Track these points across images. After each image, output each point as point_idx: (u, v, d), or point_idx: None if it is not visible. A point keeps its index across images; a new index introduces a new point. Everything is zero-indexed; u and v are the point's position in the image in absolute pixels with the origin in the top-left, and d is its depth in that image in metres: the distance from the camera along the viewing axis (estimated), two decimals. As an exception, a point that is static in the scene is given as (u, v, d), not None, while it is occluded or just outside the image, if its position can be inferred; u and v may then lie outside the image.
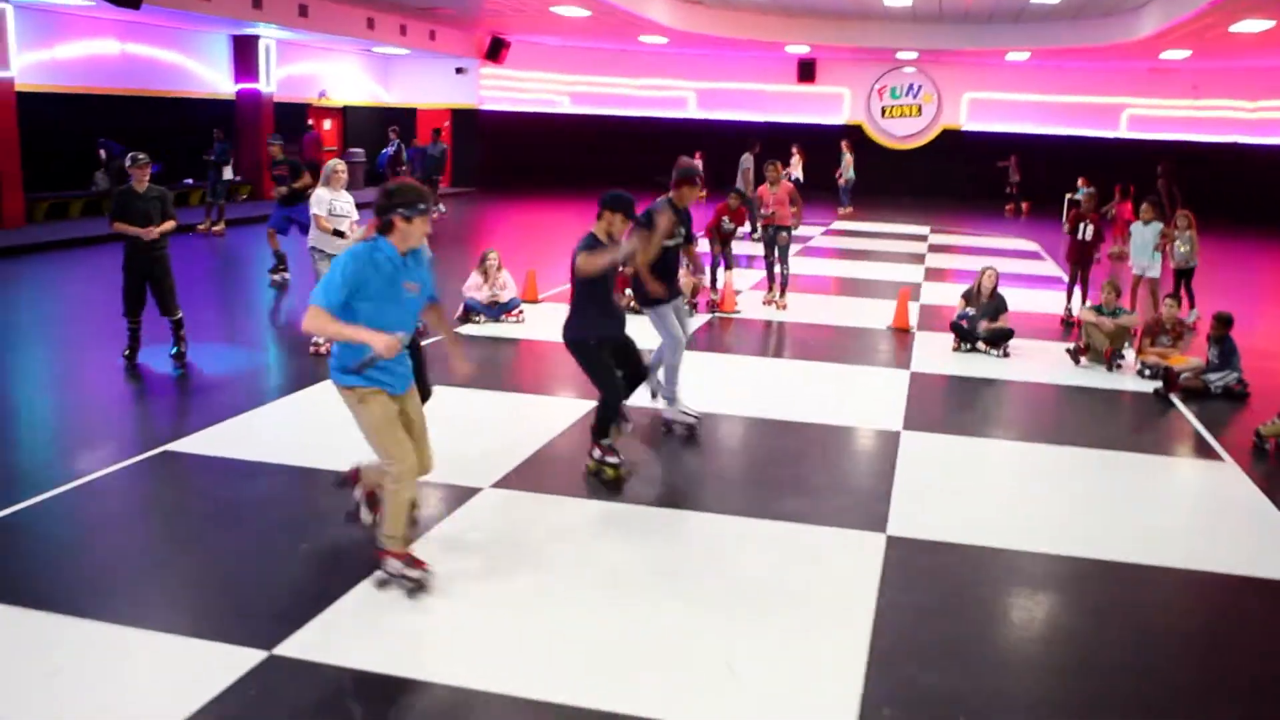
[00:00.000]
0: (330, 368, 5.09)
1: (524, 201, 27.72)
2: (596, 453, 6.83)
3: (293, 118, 26.40)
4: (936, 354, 10.77)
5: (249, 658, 4.41)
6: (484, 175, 31.12)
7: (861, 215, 25.77)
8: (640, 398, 7.62)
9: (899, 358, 10.61)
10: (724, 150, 27.48)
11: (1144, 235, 12.33)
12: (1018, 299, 13.67)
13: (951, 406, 9.20)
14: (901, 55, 28.42)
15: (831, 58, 30.14)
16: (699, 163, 24.24)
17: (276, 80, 25.29)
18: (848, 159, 26.82)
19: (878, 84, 30.88)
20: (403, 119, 30.65)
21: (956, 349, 10.85)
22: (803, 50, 28.40)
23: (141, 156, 10.04)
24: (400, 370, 5.07)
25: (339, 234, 9.77)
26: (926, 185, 30.44)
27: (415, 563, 5.15)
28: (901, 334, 11.74)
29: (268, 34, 23.55)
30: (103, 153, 20.07)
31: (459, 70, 30.72)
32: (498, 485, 6.64)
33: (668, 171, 8.04)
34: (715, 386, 9.21)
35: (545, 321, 11.33)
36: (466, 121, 31.47)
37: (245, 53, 24.31)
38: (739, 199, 13.20)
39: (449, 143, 29.67)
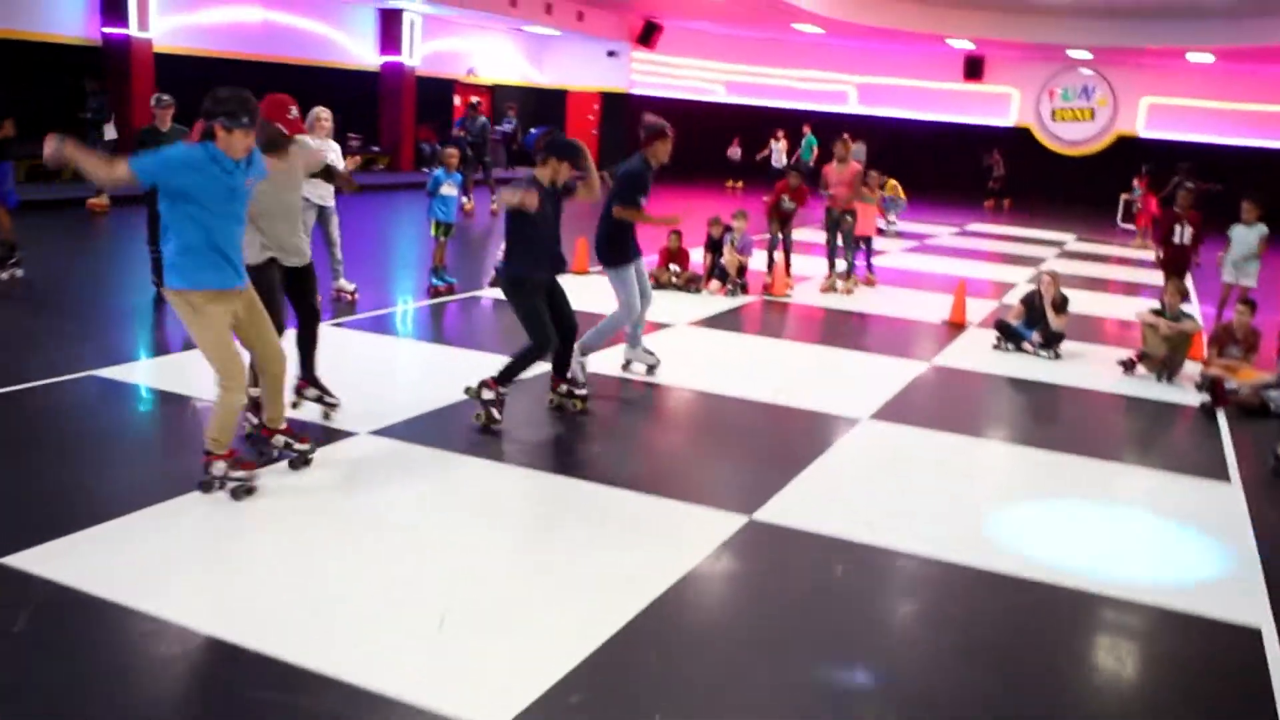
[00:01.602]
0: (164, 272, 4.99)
1: (663, 187, 27.26)
2: (489, 394, 6.52)
3: (437, 92, 26.79)
4: (975, 350, 9.81)
5: None
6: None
7: (1007, 219, 24.31)
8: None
9: (928, 350, 9.71)
10: (885, 147, 26.50)
11: (1246, 238, 10.96)
12: (1100, 303, 12.47)
13: (946, 402, 8.29)
14: (1072, 54, 26.65)
15: (1001, 55, 28.56)
16: (860, 147, 23.57)
17: (421, 55, 25.64)
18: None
19: (1049, 84, 29.09)
20: (553, 100, 30.75)
21: (997, 347, 9.84)
22: (965, 45, 26.98)
23: (165, 98, 10.12)
24: (229, 266, 4.96)
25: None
26: (1092, 193, 28.46)
27: (242, 464, 5.14)
28: (954, 328, 10.79)
29: (410, 7, 23.86)
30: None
31: (610, 53, 30.54)
32: (376, 433, 6.25)
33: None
34: (700, 362, 8.66)
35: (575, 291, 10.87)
36: (616, 106, 31.26)
37: (391, 26, 24.73)
38: (799, 178, 12.44)
39: (595, 127, 29.70)
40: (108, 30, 18.45)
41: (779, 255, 12.36)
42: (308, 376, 6.52)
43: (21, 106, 11.79)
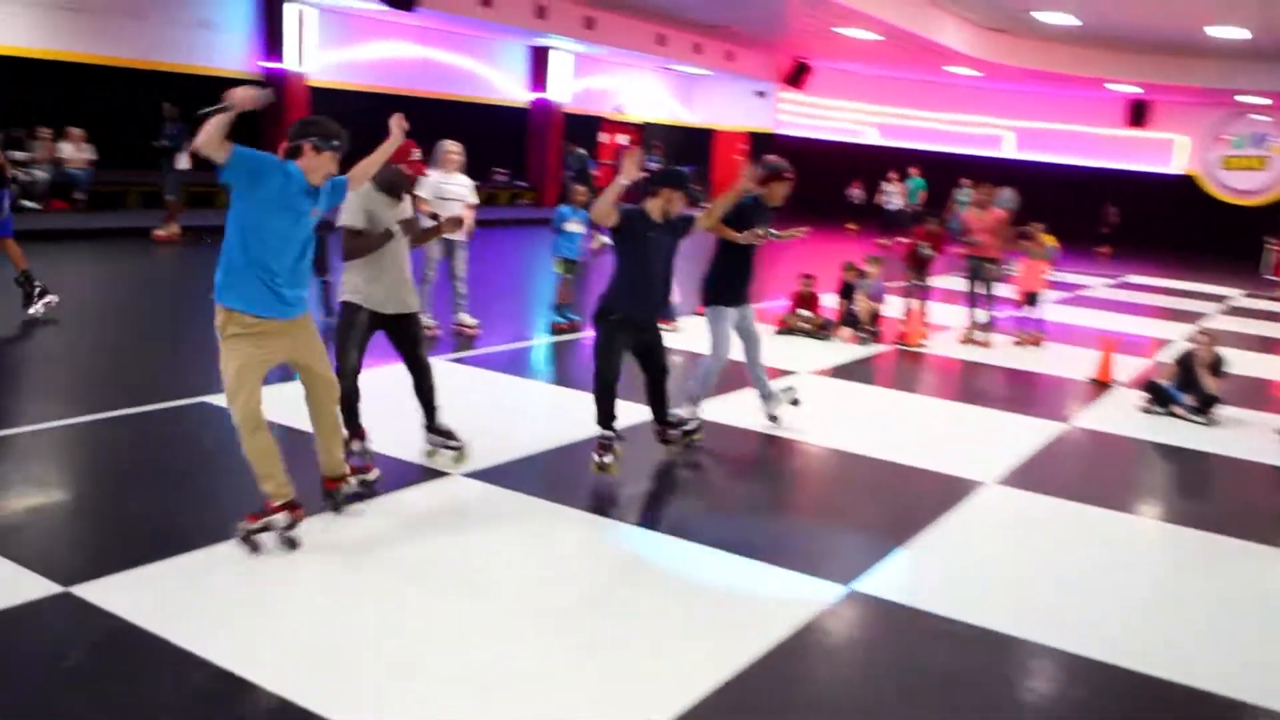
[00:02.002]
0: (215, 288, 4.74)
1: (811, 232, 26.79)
2: (606, 457, 6.21)
3: (585, 129, 27.02)
4: (1121, 412, 9.15)
5: None
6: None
7: (1166, 272, 23.09)
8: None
9: (1067, 410, 9.10)
10: (1041, 194, 25.51)
11: None
12: (1268, 365, 11.62)
13: (1083, 468, 7.70)
14: (1244, 99, 25.28)
15: (1166, 100, 27.32)
16: (1009, 193, 22.75)
17: (571, 92, 25.90)
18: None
19: (1218, 131, 27.67)
20: (700, 139, 30.71)
21: (1146, 410, 9.16)
22: (1129, 89, 25.88)
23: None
24: (275, 294, 4.69)
25: (434, 217, 9.57)
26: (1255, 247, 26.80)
27: (289, 509, 4.79)
28: (1100, 387, 10.12)
29: (560, 46, 24.12)
30: (390, 149, 21.20)
31: (759, 93, 30.36)
32: (470, 475, 6.08)
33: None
34: (819, 413, 8.24)
35: (699, 336, 10.63)
36: (762, 146, 30.98)
37: (541, 64, 25.05)
38: (937, 223, 11.94)
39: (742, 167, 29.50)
40: (266, 65, 19.11)
41: (915, 303, 11.87)
42: (429, 426, 6.25)
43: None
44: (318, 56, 19.86)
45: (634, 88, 29.00)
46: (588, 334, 10.62)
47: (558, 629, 4.34)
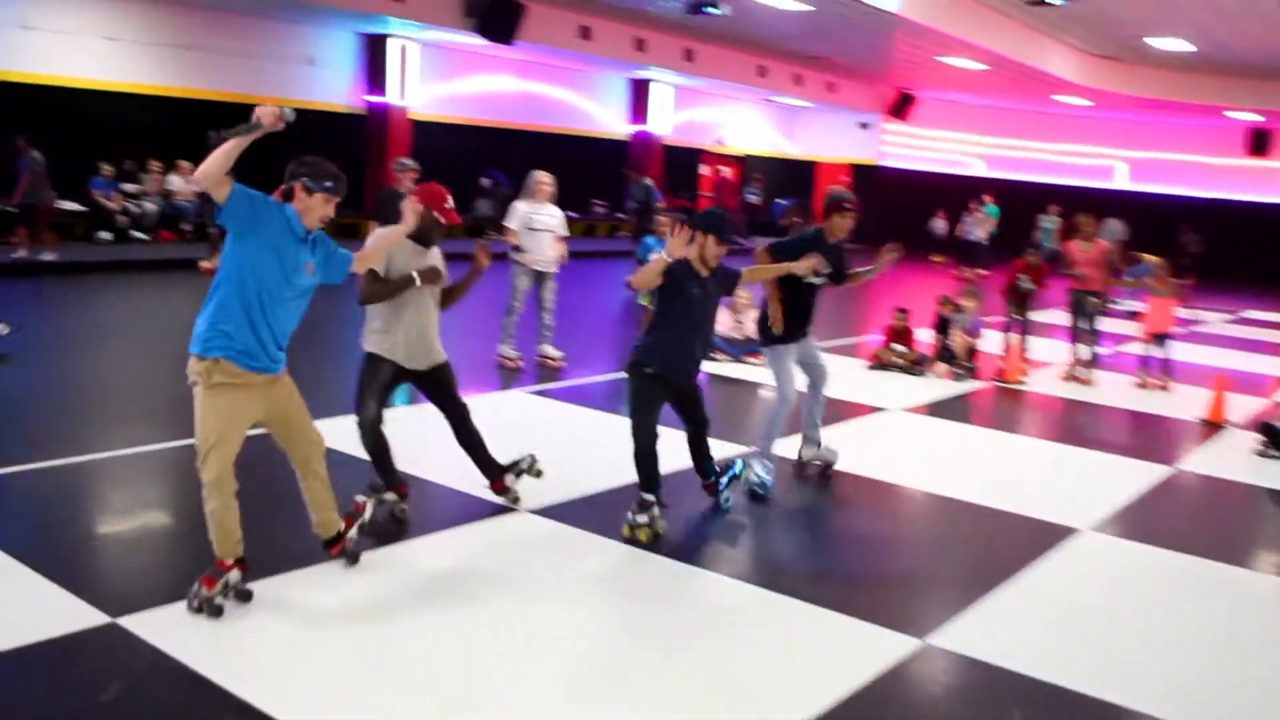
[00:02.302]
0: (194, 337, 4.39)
1: (905, 265, 26.25)
2: (640, 517, 5.68)
3: (685, 161, 27.00)
4: (1233, 456, 8.64)
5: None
6: (878, 234, 29.94)
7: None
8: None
9: (1174, 453, 8.62)
10: (1154, 229, 24.64)
11: None
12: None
13: (1189, 515, 7.26)
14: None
15: (1290, 128, 26.23)
16: (1116, 224, 21.95)
17: (671, 124, 25.90)
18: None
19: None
20: (802, 172, 30.44)
21: (1261, 453, 8.64)
22: (1246, 116, 24.89)
23: (408, 162, 10.43)
24: (262, 348, 4.36)
25: (517, 249, 9.59)
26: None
27: (234, 566, 4.42)
28: (1211, 428, 9.60)
29: (657, 77, 24.15)
30: (488, 181, 21.41)
31: (863, 125, 29.98)
32: (537, 511, 5.94)
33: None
34: (907, 451, 7.99)
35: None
36: (865, 178, 30.58)
37: (641, 96, 25.12)
38: (1038, 256, 11.52)
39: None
40: (369, 99, 19.48)
41: (1014, 338, 11.46)
42: (494, 478, 5.93)
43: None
44: (420, 90, 20.16)
45: (735, 120, 28.88)
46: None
47: (625, 677, 4.18)
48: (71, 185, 15.42)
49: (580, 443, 7.70)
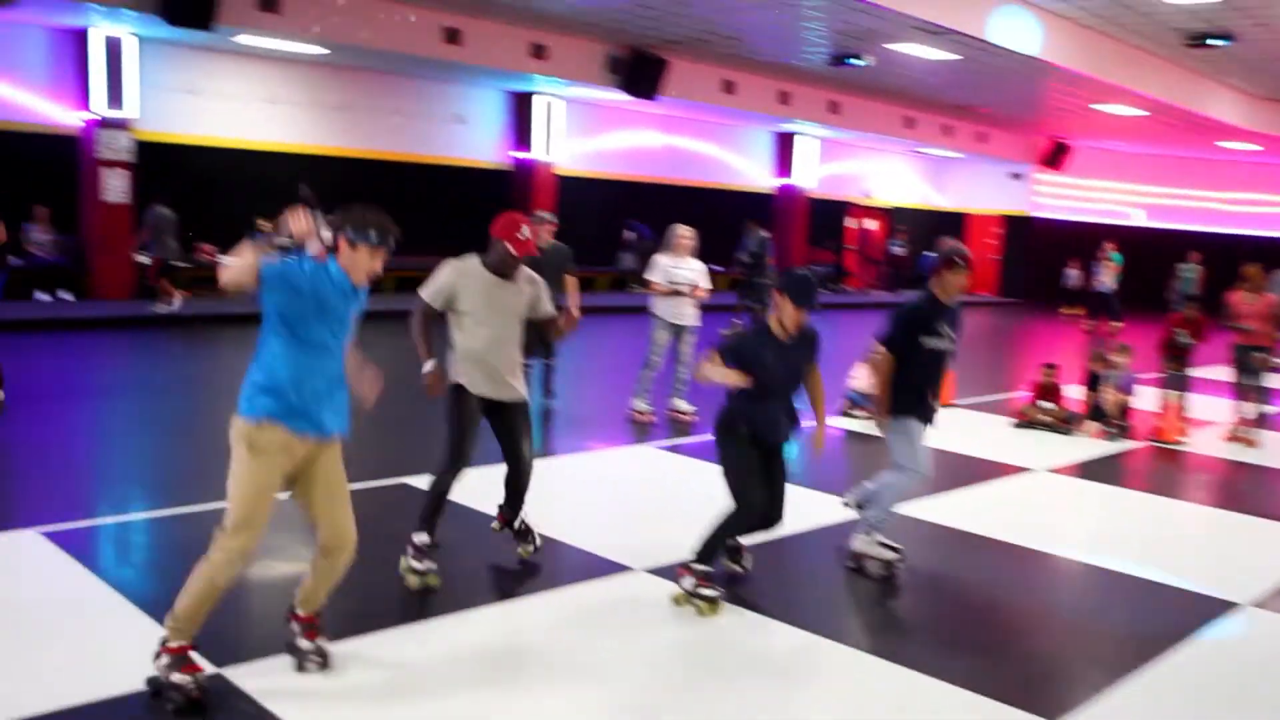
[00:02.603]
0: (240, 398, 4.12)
1: (1056, 319, 25.35)
2: (688, 580, 5.34)
3: (831, 215, 26.76)
4: None
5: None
6: (1031, 287, 29.03)
7: None
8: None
9: (1351, 522, 7.99)
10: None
11: None
12: None
13: (1366, 591, 6.67)
14: None
15: None
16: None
17: (818, 177, 25.73)
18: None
19: None
20: (952, 223, 29.83)
21: None
22: None
23: (545, 215, 10.49)
24: (305, 409, 4.09)
25: (678, 292, 9.53)
26: None
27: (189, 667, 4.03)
28: (1393, 497, 8.89)
29: (802, 130, 24.03)
30: (632, 234, 21.60)
31: (1015, 175, 29.24)
32: (653, 571, 5.83)
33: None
34: (1051, 516, 7.62)
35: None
36: (1017, 230, 29.80)
37: (786, 150, 25.04)
38: (1195, 309, 10.91)
39: (997, 252, 28.68)
40: (515, 155, 19.90)
41: (1172, 395, 10.85)
42: (508, 516, 5.86)
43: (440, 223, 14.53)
44: (565, 146, 20.51)
45: (882, 171, 28.52)
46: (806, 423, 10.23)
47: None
48: (235, 242, 16.08)
49: (707, 500, 7.54)
